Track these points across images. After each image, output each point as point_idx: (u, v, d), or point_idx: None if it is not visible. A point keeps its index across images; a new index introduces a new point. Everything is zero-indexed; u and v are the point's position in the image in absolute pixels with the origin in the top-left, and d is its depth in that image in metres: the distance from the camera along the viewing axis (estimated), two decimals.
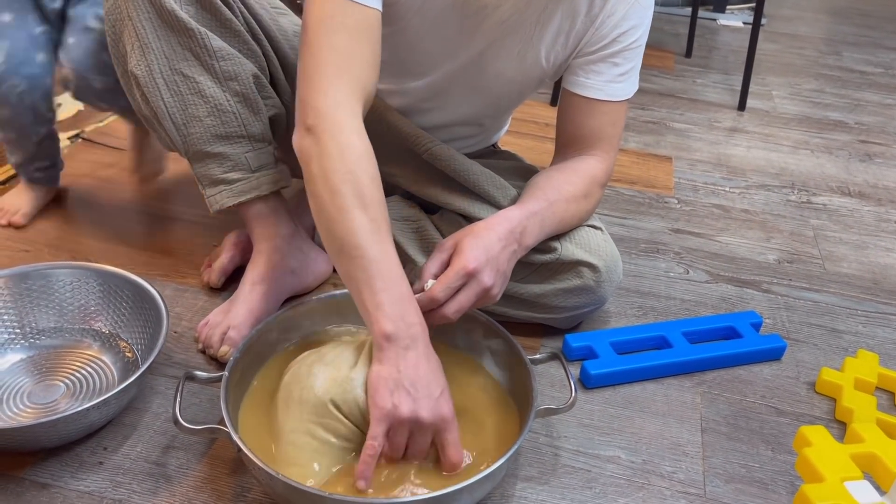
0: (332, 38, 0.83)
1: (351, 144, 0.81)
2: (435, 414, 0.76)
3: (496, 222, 0.91)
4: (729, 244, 1.41)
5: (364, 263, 0.78)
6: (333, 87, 0.82)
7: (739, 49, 2.61)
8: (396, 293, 0.78)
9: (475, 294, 0.85)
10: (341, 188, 0.79)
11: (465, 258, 0.84)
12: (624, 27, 0.98)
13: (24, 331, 0.98)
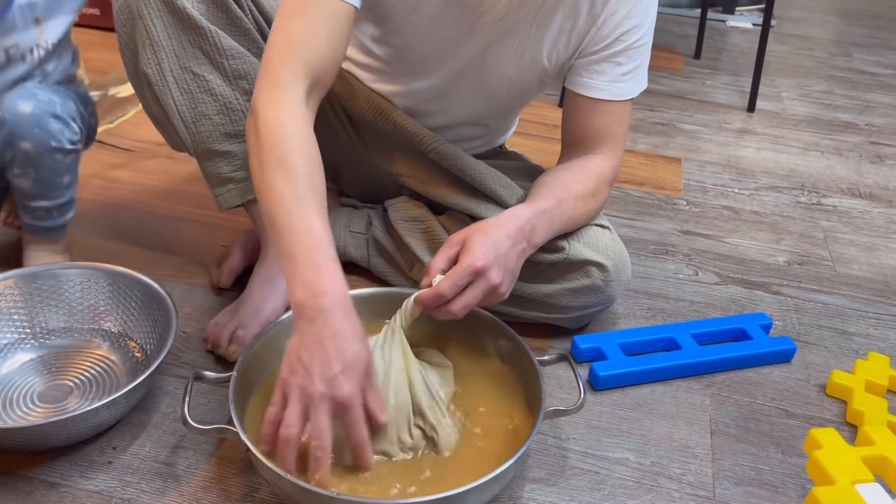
0: (287, 23, 0.85)
1: (276, 119, 0.81)
2: (326, 391, 0.71)
3: (505, 220, 0.90)
4: (738, 246, 1.41)
5: (283, 233, 0.77)
6: (277, 69, 0.83)
7: (749, 50, 2.60)
8: (309, 262, 0.76)
9: (482, 291, 0.84)
10: (266, 162, 0.80)
11: (474, 255, 0.84)
12: (626, 26, 0.98)
13: (34, 330, 0.99)
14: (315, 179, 0.81)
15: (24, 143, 0.99)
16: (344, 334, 0.74)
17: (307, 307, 0.74)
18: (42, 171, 1.03)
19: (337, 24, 0.87)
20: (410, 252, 1.12)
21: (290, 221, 0.77)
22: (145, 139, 1.56)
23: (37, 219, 1.08)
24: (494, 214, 1.06)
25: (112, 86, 1.81)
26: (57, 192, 1.07)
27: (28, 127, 0.99)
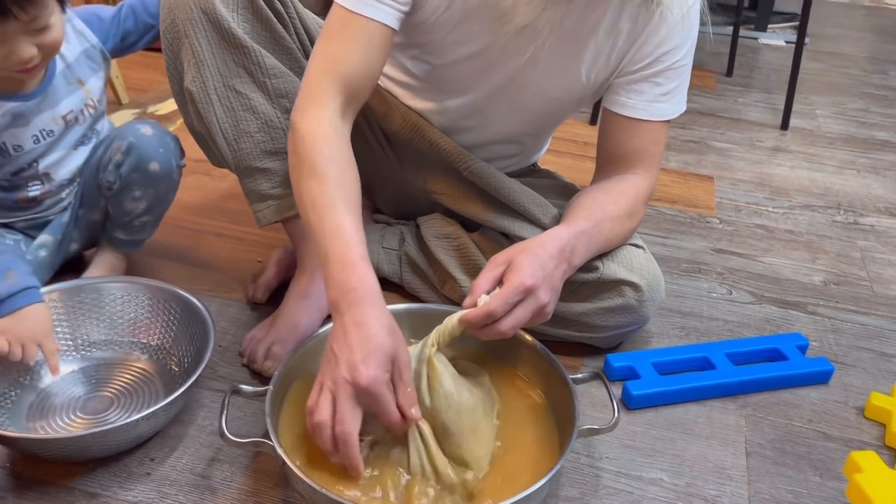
0: (326, 44, 0.91)
1: (310, 132, 0.87)
2: (348, 376, 0.74)
3: (547, 240, 0.90)
4: (773, 265, 1.39)
5: (318, 239, 0.83)
6: (313, 87, 0.89)
7: (781, 68, 2.58)
8: (340, 263, 0.80)
9: (531, 310, 0.84)
10: (301, 171, 0.86)
11: (523, 274, 0.83)
12: (667, 47, 0.98)
13: (76, 343, 1.01)
14: (346, 184, 0.86)
15: (152, 163, 1.07)
16: (368, 325, 0.77)
17: (338, 303, 0.79)
18: (161, 189, 1.10)
19: (372, 43, 0.91)
20: (443, 269, 1.13)
21: (323, 225, 0.82)
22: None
23: (132, 233, 1.14)
24: (528, 232, 1.07)
25: (151, 104, 1.85)
26: (164, 208, 1.15)
27: (154, 148, 1.07)
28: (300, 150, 0.87)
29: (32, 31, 0.93)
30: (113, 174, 1.07)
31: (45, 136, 1.05)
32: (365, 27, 0.90)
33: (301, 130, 0.88)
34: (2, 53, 0.93)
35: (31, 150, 1.05)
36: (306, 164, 0.86)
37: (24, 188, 1.07)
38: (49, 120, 1.05)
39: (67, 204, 1.13)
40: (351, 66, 0.90)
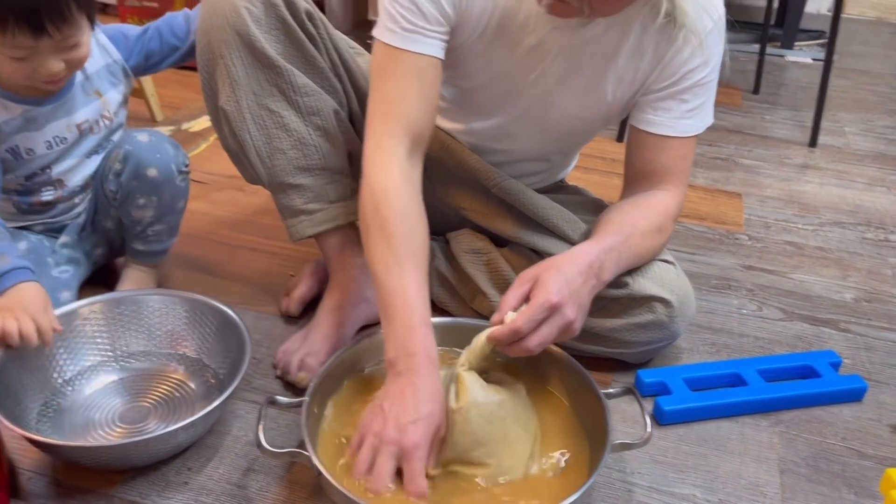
0: (381, 86, 0.93)
1: (379, 183, 0.90)
2: (395, 437, 0.78)
3: (575, 256, 0.91)
4: (803, 282, 1.39)
5: (382, 294, 0.87)
6: (378, 133, 0.92)
7: (809, 85, 2.57)
8: (404, 323, 0.84)
9: (558, 327, 0.85)
10: (370, 224, 0.90)
11: (549, 291, 0.84)
12: (692, 64, 0.98)
13: (115, 354, 1.03)
14: (413, 241, 0.89)
15: (150, 170, 1.08)
16: (425, 392, 0.81)
17: (397, 363, 0.83)
18: (164, 196, 1.11)
19: (425, 78, 0.93)
20: (472, 284, 1.14)
21: (389, 283, 0.86)
22: (216, 172, 1.63)
23: (149, 244, 1.15)
24: (557, 248, 1.08)
25: (185, 121, 1.89)
26: (173, 215, 1.16)
27: (150, 154, 1.08)
28: (369, 203, 0.90)
29: (63, 48, 0.96)
30: (114, 183, 1.09)
31: (58, 143, 1.07)
32: (416, 62, 0.92)
33: (370, 180, 0.91)
34: (30, 67, 0.96)
35: (44, 156, 1.07)
36: (377, 220, 0.89)
37: (38, 192, 1.10)
38: (63, 127, 1.07)
39: (82, 210, 1.16)
40: (411, 106, 0.93)
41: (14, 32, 0.90)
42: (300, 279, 1.20)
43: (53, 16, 0.91)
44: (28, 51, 0.93)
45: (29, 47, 0.93)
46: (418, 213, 0.92)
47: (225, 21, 1.00)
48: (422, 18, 0.92)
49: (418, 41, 0.92)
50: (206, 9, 1.03)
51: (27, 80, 0.98)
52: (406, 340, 0.83)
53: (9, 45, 0.91)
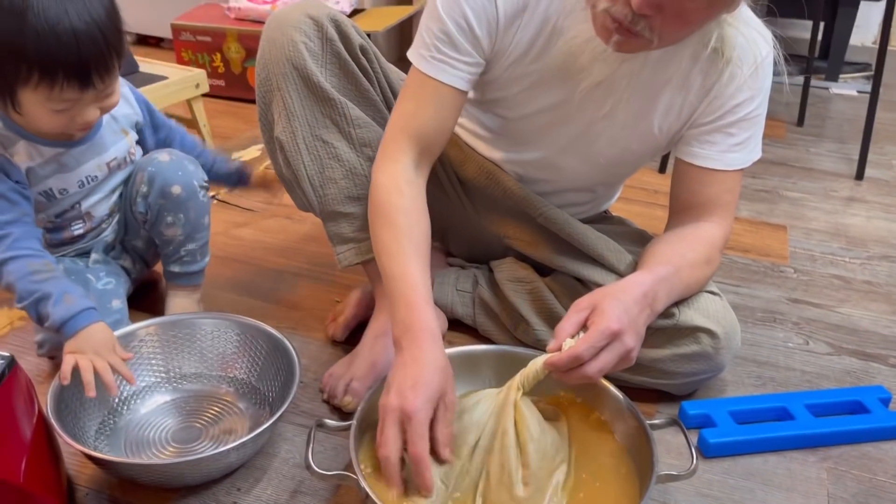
0: (403, 104, 1.00)
1: (385, 183, 0.97)
2: (396, 402, 0.80)
3: (630, 286, 0.91)
4: (851, 316, 1.37)
5: (387, 281, 0.92)
6: (389, 144, 0.99)
7: (854, 118, 2.54)
8: (404, 303, 0.89)
9: (618, 355, 0.84)
10: (376, 219, 0.97)
11: (609, 318, 0.84)
12: (739, 98, 0.99)
13: (168, 375, 1.06)
14: (415, 233, 0.95)
15: (174, 187, 1.10)
16: (423, 361, 0.83)
17: (400, 339, 0.87)
18: (190, 212, 1.14)
19: (444, 104, 0.99)
20: (516, 312, 1.15)
21: (392, 268, 0.92)
22: (265, 199, 1.67)
23: (184, 265, 1.18)
24: (602, 278, 1.09)
25: (234, 150, 1.95)
26: (201, 232, 1.18)
27: (173, 172, 1.11)
28: (376, 200, 0.97)
29: (101, 97, 0.97)
30: (142, 205, 1.11)
31: (90, 181, 1.09)
32: (438, 89, 0.97)
33: (378, 182, 0.98)
34: (69, 117, 0.96)
35: (76, 194, 1.08)
36: (381, 214, 0.96)
37: (68, 228, 1.11)
38: (94, 167, 1.09)
39: (109, 233, 1.17)
40: (424, 123, 0.98)
41: (63, 86, 0.90)
42: (346, 305, 1.23)
43: (100, 68, 0.92)
44: (71, 103, 0.94)
45: (74, 100, 0.94)
46: (420, 210, 0.97)
47: (283, 55, 1.04)
48: (453, 49, 0.96)
49: (445, 71, 0.97)
50: (266, 43, 1.07)
51: (63, 129, 0.98)
52: (407, 318, 0.87)
53: (55, 99, 0.92)
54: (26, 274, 0.96)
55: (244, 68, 2.27)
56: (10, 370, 0.79)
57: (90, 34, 0.89)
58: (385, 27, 2.31)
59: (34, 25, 0.86)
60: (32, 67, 0.88)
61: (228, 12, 2.32)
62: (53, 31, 0.87)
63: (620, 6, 0.82)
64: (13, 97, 0.93)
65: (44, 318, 0.96)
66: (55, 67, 0.89)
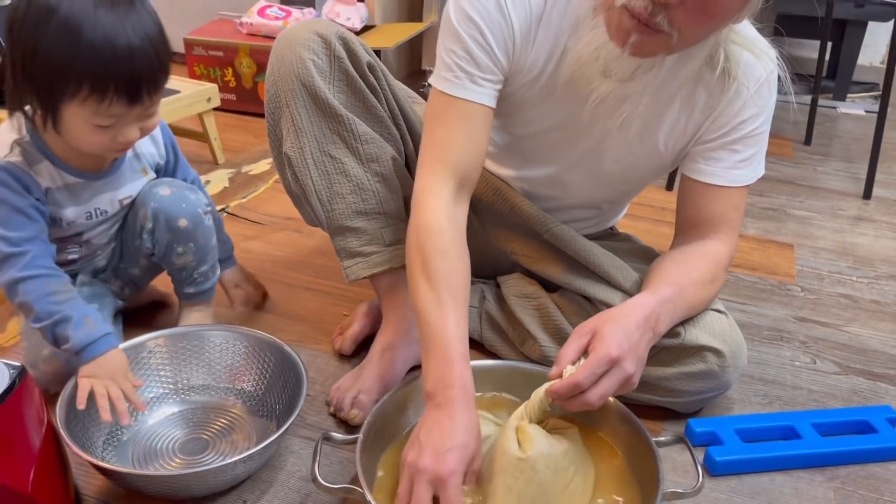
0: (433, 131, 0.97)
1: (423, 223, 0.93)
2: (431, 466, 0.79)
3: (632, 309, 0.91)
4: (859, 335, 1.37)
5: (423, 328, 0.90)
6: (426, 175, 0.96)
7: (861, 137, 2.55)
8: (441, 357, 0.86)
9: (618, 381, 0.84)
10: (413, 260, 0.93)
11: (609, 344, 0.84)
12: (744, 115, 1.00)
13: (176, 386, 1.07)
14: (453, 279, 0.91)
15: (180, 221, 1.10)
16: (461, 423, 0.82)
17: (435, 396, 0.85)
18: (199, 240, 1.13)
19: (475, 124, 0.96)
20: (522, 328, 1.15)
21: (429, 318, 0.89)
22: (274, 213, 1.69)
23: (198, 285, 1.18)
24: (608, 295, 1.09)
25: (245, 164, 1.96)
26: (212, 253, 1.18)
27: (177, 206, 1.10)
28: (415, 240, 0.94)
29: (144, 116, 0.96)
30: (149, 241, 1.11)
31: (99, 215, 1.07)
32: (465, 109, 0.96)
33: (415, 220, 0.95)
34: (110, 135, 0.94)
35: (81, 225, 1.06)
36: (418, 258, 0.92)
37: (65, 251, 1.09)
38: (107, 201, 1.08)
39: (103, 261, 1.16)
40: (459, 149, 0.96)
41: (112, 100, 0.90)
42: (354, 319, 1.23)
43: (150, 85, 0.92)
44: (116, 119, 0.93)
45: (119, 115, 0.92)
46: (460, 252, 0.94)
47: (291, 72, 1.05)
48: (475, 67, 0.95)
49: (470, 89, 0.96)
50: (275, 60, 1.08)
51: (102, 148, 0.97)
52: (444, 374, 0.85)
53: (102, 114, 0.91)
54: (45, 294, 0.95)
55: (255, 83, 2.30)
56: (20, 380, 0.80)
57: (144, 50, 0.89)
58: (395, 44, 2.33)
59: (90, 39, 0.86)
60: (83, 80, 0.88)
61: (240, 28, 2.35)
62: (110, 45, 0.87)
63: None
64: (55, 113, 0.91)
65: (61, 341, 0.95)
66: (107, 80, 0.88)
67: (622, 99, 0.96)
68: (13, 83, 0.91)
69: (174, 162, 1.18)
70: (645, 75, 0.94)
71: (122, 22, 0.88)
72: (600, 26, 0.88)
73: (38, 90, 0.90)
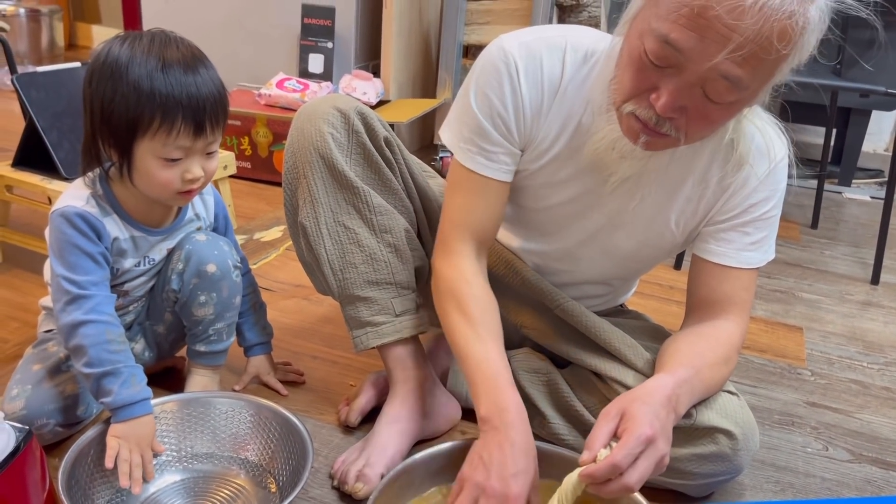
0: (453, 198, 1.05)
1: (451, 275, 1.03)
2: (499, 487, 0.84)
3: (655, 389, 0.90)
4: (871, 423, 1.35)
5: (469, 364, 0.97)
6: (448, 238, 1.05)
7: (868, 222, 2.57)
8: (493, 384, 0.93)
9: (654, 461, 0.83)
10: (446, 307, 1.02)
11: (642, 424, 0.83)
12: (755, 199, 1.01)
13: (180, 454, 1.05)
14: (489, 319, 1.01)
15: (209, 265, 1.12)
16: (521, 446, 0.89)
17: (492, 418, 0.91)
18: (223, 292, 1.14)
19: (492, 195, 1.04)
20: (531, 404, 1.14)
21: (471, 352, 0.97)
22: (284, 280, 1.69)
23: (210, 344, 1.18)
24: (619, 373, 1.08)
25: (257, 231, 1.98)
26: (231, 312, 1.18)
27: (209, 251, 1.13)
28: (443, 289, 1.03)
29: (206, 154, 1.02)
30: (176, 282, 1.12)
31: (147, 263, 1.11)
32: (481, 182, 1.03)
33: (442, 274, 1.04)
34: (178, 171, 0.99)
35: (130, 272, 1.10)
36: (452, 301, 1.01)
37: None
38: (157, 251, 1.11)
39: (132, 316, 1.17)
40: (479, 217, 1.04)
41: (179, 131, 0.96)
42: (361, 389, 1.22)
43: (212, 118, 0.99)
44: (183, 151, 0.99)
45: (186, 148, 0.98)
46: (491, 299, 1.03)
47: (310, 144, 1.08)
48: (489, 143, 1.01)
49: (487, 166, 1.02)
50: (295, 133, 1.11)
51: (170, 186, 1.00)
52: (497, 399, 0.91)
53: (171, 145, 0.97)
54: (103, 342, 0.96)
55: (270, 152, 2.34)
56: (25, 444, 0.79)
57: (209, 87, 0.98)
58: (409, 119, 2.38)
59: (163, 70, 0.95)
60: (156, 111, 0.95)
61: (259, 98, 2.41)
62: (178, 79, 0.96)
63: (645, 109, 0.86)
64: (130, 154, 0.98)
65: (103, 393, 0.96)
66: (176, 109, 0.95)
67: (640, 178, 0.99)
68: (91, 134, 0.99)
69: (224, 233, 1.21)
70: (663, 156, 0.97)
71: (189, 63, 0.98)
72: (615, 121, 0.92)
73: (113, 132, 0.97)
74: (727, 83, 0.81)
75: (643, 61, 0.84)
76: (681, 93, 0.83)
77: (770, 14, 0.76)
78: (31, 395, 1.02)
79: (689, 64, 0.81)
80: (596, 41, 0.99)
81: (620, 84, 0.89)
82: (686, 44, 0.79)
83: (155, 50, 0.96)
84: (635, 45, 0.85)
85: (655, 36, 0.81)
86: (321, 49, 2.55)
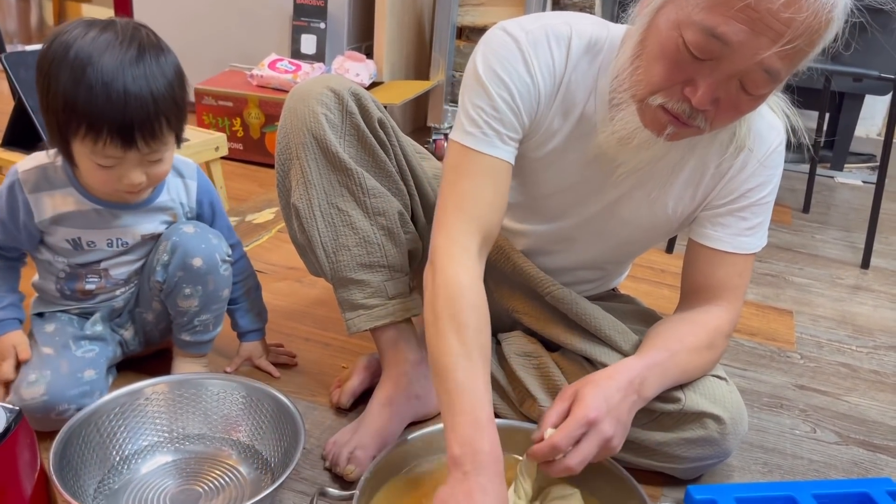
0: (456, 183, 0.96)
1: (454, 277, 0.91)
2: None
3: (616, 371, 0.91)
4: (858, 405, 1.36)
5: (449, 386, 0.85)
6: (450, 226, 0.94)
7: (859, 207, 2.58)
8: (471, 419, 0.82)
9: (597, 444, 0.84)
10: (441, 314, 0.89)
11: (586, 407, 0.84)
12: (752, 184, 1.01)
13: (171, 435, 1.05)
14: (482, 336, 0.89)
15: (195, 259, 1.11)
16: (493, 494, 0.79)
17: (465, 462, 0.80)
18: (209, 285, 1.14)
19: (499, 178, 0.97)
20: (522, 387, 1.15)
21: (457, 376, 0.85)
22: (276, 262, 1.69)
23: (195, 334, 1.17)
24: (608, 357, 1.08)
25: (249, 213, 1.98)
26: (218, 304, 1.17)
27: (196, 244, 1.11)
28: (442, 292, 0.90)
29: (147, 161, 1.00)
30: (161, 273, 1.11)
31: (119, 245, 1.10)
32: (491, 164, 0.95)
33: (444, 272, 0.91)
34: (115, 175, 0.99)
35: (101, 251, 1.10)
36: (449, 310, 0.89)
37: (83, 279, 1.11)
38: (129, 233, 1.10)
39: (121, 301, 1.17)
40: (484, 205, 0.95)
41: (105, 142, 0.94)
42: (353, 372, 1.22)
43: (144, 132, 0.95)
44: (115, 160, 0.97)
45: (117, 157, 0.96)
46: (486, 312, 0.93)
47: (303, 125, 1.07)
48: (501, 125, 0.96)
49: (496, 146, 0.96)
50: (288, 113, 1.10)
51: (110, 187, 1.01)
52: (473, 438, 0.81)
53: (98, 154, 0.95)
54: None
55: (262, 133, 2.33)
56: (16, 424, 0.79)
57: (141, 98, 0.93)
58: (402, 101, 2.37)
59: (90, 80, 0.92)
60: (81, 120, 0.93)
61: (251, 79, 2.40)
62: (105, 89, 0.92)
63: (677, 102, 0.84)
64: (67, 147, 0.98)
65: None
66: (101, 122, 0.93)
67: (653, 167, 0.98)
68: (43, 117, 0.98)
69: (210, 220, 1.20)
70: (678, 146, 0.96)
71: (125, 69, 0.93)
72: (632, 114, 0.90)
73: (51, 125, 0.97)
74: (766, 76, 0.80)
75: (681, 54, 0.81)
76: (718, 85, 0.82)
77: (820, 7, 0.75)
78: (52, 381, 1.02)
79: (734, 57, 0.79)
80: (597, 28, 0.98)
81: (647, 76, 0.86)
82: (735, 37, 0.77)
83: (97, 50, 0.92)
84: (669, 35, 0.82)
85: (700, 28, 0.79)
86: (314, 29, 2.53)
